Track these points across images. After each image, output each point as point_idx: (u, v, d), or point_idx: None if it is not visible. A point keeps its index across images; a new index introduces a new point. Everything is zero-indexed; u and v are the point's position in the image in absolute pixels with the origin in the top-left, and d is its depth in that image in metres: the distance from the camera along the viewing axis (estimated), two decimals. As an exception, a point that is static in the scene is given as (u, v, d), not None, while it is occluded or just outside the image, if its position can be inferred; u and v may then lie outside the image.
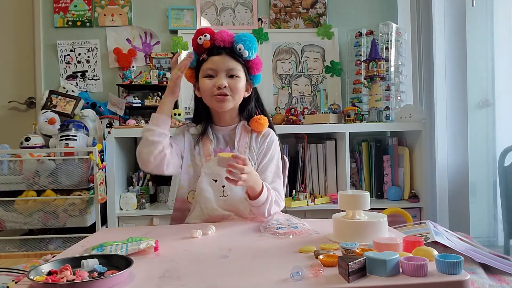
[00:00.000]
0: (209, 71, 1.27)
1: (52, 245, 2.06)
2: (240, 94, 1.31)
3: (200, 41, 1.28)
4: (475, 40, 2.10)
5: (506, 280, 1.24)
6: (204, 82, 1.28)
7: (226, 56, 1.27)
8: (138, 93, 2.55)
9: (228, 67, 1.27)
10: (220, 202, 1.27)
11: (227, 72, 1.27)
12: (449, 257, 0.72)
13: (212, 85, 1.26)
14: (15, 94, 2.66)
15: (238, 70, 1.28)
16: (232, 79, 1.27)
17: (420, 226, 1.59)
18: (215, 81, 1.26)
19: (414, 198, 2.15)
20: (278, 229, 1.05)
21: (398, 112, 2.28)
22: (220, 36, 1.27)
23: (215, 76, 1.27)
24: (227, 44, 1.28)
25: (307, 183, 2.31)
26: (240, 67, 1.29)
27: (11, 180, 2.06)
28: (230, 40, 1.28)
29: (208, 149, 1.31)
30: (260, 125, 1.33)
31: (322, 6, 2.65)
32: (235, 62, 1.28)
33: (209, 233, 1.07)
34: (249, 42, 1.28)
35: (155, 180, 2.34)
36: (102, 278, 0.71)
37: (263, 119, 1.34)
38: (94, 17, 2.62)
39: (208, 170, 1.27)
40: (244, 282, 0.73)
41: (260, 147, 1.35)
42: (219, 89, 1.25)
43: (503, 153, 1.87)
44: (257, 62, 1.32)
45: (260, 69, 1.35)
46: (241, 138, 1.34)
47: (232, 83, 1.27)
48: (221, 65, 1.26)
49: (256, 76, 1.35)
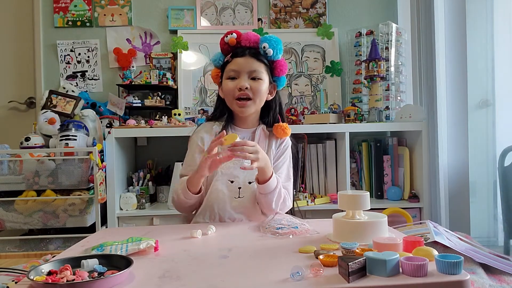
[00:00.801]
0: (232, 72, 1.29)
1: (52, 245, 2.06)
2: (262, 97, 1.31)
3: (226, 39, 1.30)
4: (475, 40, 2.10)
5: (506, 280, 1.24)
6: (227, 83, 1.29)
7: (249, 57, 1.28)
8: (138, 93, 2.55)
9: (251, 68, 1.28)
10: (234, 203, 1.28)
11: (250, 74, 1.28)
12: (449, 257, 0.72)
13: (234, 86, 1.27)
14: (15, 94, 2.66)
15: (260, 72, 1.29)
16: (255, 81, 1.28)
17: (420, 226, 1.59)
18: (237, 82, 1.27)
19: (414, 198, 2.15)
20: (278, 229, 1.05)
21: (398, 112, 2.28)
22: (246, 36, 1.30)
23: (237, 78, 1.28)
24: (252, 44, 1.30)
25: (307, 183, 2.31)
26: (263, 68, 1.30)
27: (11, 180, 2.05)
28: (255, 40, 1.30)
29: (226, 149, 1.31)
30: (285, 134, 1.34)
31: (322, 6, 2.65)
32: (258, 63, 1.29)
33: (209, 233, 1.07)
34: (275, 42, 1.30)
35: (155, 180, 2.34)
36: (102, 278, 0.71)
37: (288, 128, 1.34)
38: (94, 17, 2.62)
39: (225, 171, 1.27)
40: (244, 282, 0.73)
41: (279, 155, 1.37)
42: (241, 90, 1.26)
43: (503, 153, 1.87)
44: (282, 63, 1.33)
45: (285, 72, 1.35)
46: (260, 141, 1.33)
47: (254, 85, 1.27)
48: (244, 66, 1.27)
49: (280, 78, 1.35)
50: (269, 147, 1.35)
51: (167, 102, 2.50)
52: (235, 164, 1.27)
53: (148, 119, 2.34)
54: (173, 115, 2.31)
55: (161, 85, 2.41)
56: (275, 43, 1.31)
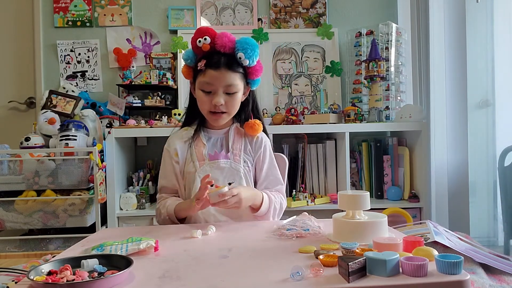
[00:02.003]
0: (206, 85, 1.24)
1: (52, 245, 2.06)
2: (236, 108, 1.30)
3: (199, 44, 1.23)
4: (475, 40, 2.10)
5: (506, 280, 1.24)
6: (201, 97, 1.26)
7: (224, 71, 1.22)
8: (138, 93, 2.55)
9: (226, 83, 1.23)
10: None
11: (225, 89, 1.24)
12: (449, 257, 0.72)
13: (209, 102, 1.24)
14: (15, 94, 2.66)
15: (236, 85, 1.24)
16: (230, 96, 1.25)
17: (420, 226, 1.59)
18: (211, 98, 1.24)
19: (414, 198, 2.15)
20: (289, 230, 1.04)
21: (398, 112, 2.28)
22: (221, 41, 1.21)
23: (212, 92, 1.24)
24: (227, 50, 1.22)
25: (307, 183, 2.31)
26: (238, 79, 1.25)
27: (11, 180, 2.05)
28: (231, 46, 1.22)
29: (201, 153, 1.30)
30: (254, 131, 1.32)
31: (322, 6, 2.65)
32: (234, 75, 1.23)
33: (209, 233, 1.07)
34: (251, 50, 1.22)
35: (155, 180, 2.34)
36: (102, 278, 0.71)
37: (257, 125, 1.32)
38: (94, 17, 2.62)
39: (203, 174, 1.24)
40: (244, 282, 0.73)
41: (256, 151, 1.35)
42: (216, 106, 1.24)
43: (503, 153, 1.87)
44: (257, 68, 1.28)
45: (260, 74, 1.31)
46: (235, 141, 1.33)
47: (230, 101, 1.25)
48: (219, 81, 1.22)
49: (254, 80, 1.31)
50: (246, 145, 1.34)
51: (167, 102, 2.50)
52: (211, 167, 1.27)
53: (148, 119, 2.34)
54: (173, 115, 2.31)
55: (161, 85, 2.41)
56: (251, 51, 1.22)
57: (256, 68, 1.28)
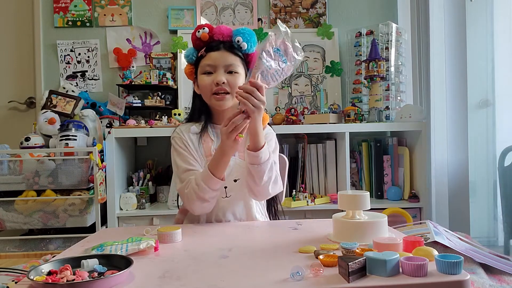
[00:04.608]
0: (208, 67, 1.25)
1: (52, 245, 2.06)
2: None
3: (198, 34, 1.26)
4: (475, 40, 2.10)
5: (506, 280, 1.24)
6: (203, 78, 1.26)
7: (224, 51, 1.25)
8: (138, 93, 2.55)
9: (226, 62, 1.25)
10: (221, 203, 1.25)
11: (226, 68, 1.25)
12: (449, 257, 0.72)
13: (210, 81, 1.24)
14: (15, 94, 2.66)
15: (237, 66, 1.26)
16: (231, 75, 1.25)
17: (420, 226, 1.60)
18: (213, 77, 1.24)
19: (414, 198, 2.15)
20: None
21: (398, 112, 2.28)
22: (219, 30, 1.26)
23: (213, 73, 1.25)
24: (225, 38, 1.26)
25: (307, 183, 2.31)
26: (239, 62, 1.27)
27: (11, 180, 2.06)
28: (228, 34, 1.27)
29: (209, 148, 1.28)
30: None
31: (322, 6, 2.65)
32: (234, 57, 1.26)
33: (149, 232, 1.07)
34: (248, 35, 1.27)
35: (155, 180, 2.34)
36: (102, 278, 0.71)
37: (265, 116, 1.29)
38: (94, 17, 2.62)
39: None
40: (244, 282, 0.73)
41: None
42: (218, 85, 1.23)
43: (503, 153, 1.87)
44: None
45: None
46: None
47: (231, 79, 1.25)
48: (220, 60, 1.24)
49: None
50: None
51: (167, 102, 2.49)
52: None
53: (148, 119, 2.34)
54: (173, 115, 2.31)
55: (161, 85, 2.41)
56: (249, 36, 1.27)
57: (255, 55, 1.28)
